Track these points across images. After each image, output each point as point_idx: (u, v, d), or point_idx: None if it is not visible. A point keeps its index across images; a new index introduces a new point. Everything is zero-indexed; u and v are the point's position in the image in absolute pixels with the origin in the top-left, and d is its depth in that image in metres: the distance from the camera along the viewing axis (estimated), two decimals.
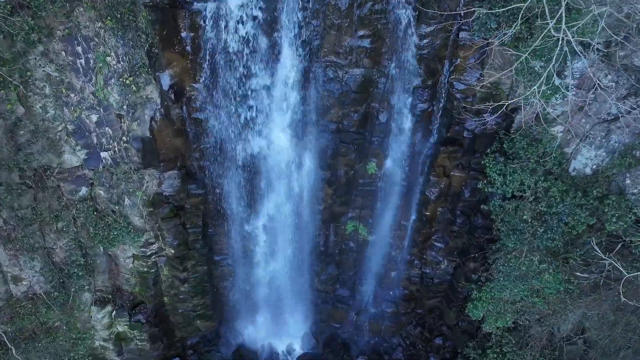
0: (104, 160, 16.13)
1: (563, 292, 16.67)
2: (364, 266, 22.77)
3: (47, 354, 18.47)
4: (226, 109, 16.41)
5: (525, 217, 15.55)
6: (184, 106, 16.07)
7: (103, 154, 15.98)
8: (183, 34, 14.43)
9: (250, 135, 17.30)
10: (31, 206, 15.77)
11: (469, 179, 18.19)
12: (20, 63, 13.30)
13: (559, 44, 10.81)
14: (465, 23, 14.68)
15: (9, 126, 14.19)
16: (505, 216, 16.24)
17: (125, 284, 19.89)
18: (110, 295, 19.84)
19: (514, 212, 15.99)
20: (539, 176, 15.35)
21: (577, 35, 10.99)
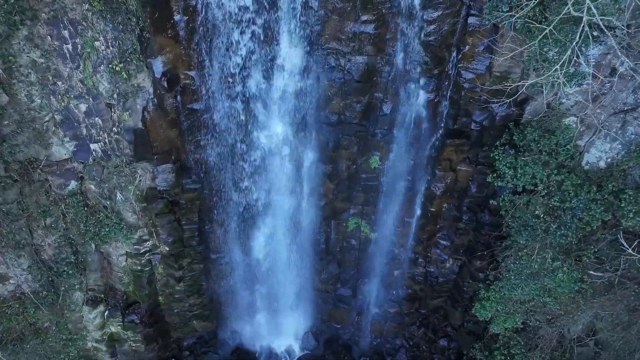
0: (94, 153, 15.46)
1: (575, 292, 16.07)
2: (366, 265, 22.19)
3: (36, 356, 18.06)
4: (222, 98, 15.69)
5: (537, 213, 14.92)
6: (179, 95, 15.31)
7: (93, 146, 15.28)
8: (176, 18, 13.60)
9: (247, 126, 16.59)
10: (17, 201, 15.11)
11: (476, 173, 17.55)
12: (3, 48, 12.56)
13: (582, 24, 10.07)
14: (474, 7, 14.04)
15: None
16: (515, 211, 15.59)
17: (118, 283, 19.34)
18: (102, 295, 19.28)
19: (525, 207, 15.34)
20: (552, 169, 14.69)
21: (598, 14, 10.22)
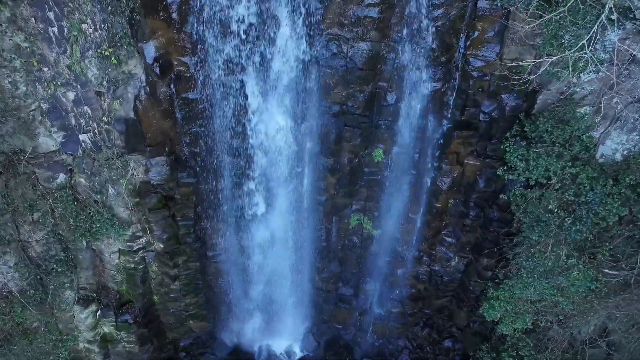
0: (83, 144, 14.72)
1: (589, 291, 15.36)
2: (369, 263, 21.54)
3: (25, 357, 17.43)
4: (218, 86, 14.93)
5: (550, 207, 14.19)
6: (172, 84, 14.56)
7: (82, 137, 14.55)
8: None
9: (244, 117, 15.84)
10: (1, 194, 14.42)
11: (484, 167, 16.81)
12: None
13: (606, 4, 9.33)
14: None
15: None
16: (527, 206, 14.84)
17: (110, 282, 18.67)
18: (94, 294, 18.62)
19: (538, 202, 14.60)
20: (566, 161, 13.96)
21: None
